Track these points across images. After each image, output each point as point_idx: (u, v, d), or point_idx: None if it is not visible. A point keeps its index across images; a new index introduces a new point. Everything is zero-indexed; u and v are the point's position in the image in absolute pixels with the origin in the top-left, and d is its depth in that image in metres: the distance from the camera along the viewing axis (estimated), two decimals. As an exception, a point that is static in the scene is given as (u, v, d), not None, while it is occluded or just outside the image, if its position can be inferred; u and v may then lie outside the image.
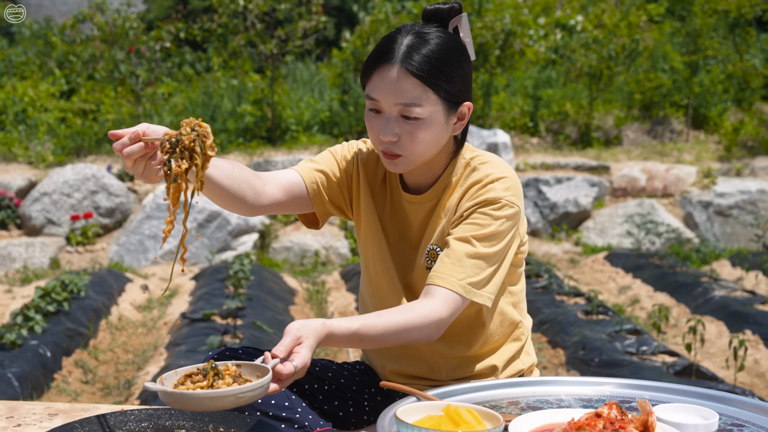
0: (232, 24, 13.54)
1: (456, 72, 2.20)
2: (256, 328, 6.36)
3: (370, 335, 2.10)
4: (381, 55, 2.18)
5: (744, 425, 1.97)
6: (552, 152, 13.55)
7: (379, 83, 2.17)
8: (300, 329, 1.99)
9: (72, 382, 5.87)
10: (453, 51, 2.20)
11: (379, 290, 2.45)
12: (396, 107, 2.17)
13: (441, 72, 2.17)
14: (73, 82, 14.57)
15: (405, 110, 2.16)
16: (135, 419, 2.06)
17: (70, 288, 7.26)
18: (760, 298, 7.57)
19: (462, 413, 1.83)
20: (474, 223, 2.22)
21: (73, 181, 10.60)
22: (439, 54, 2.17)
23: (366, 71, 2.22)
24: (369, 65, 2.20)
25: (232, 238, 10.35)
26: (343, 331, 2.07)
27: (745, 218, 11.38)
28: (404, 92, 2.15)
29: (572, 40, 15.50)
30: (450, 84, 2.19)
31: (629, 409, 2.04)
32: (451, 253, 2.20)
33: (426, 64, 2.15)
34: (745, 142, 14.18)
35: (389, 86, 2.16)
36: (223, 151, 12.62)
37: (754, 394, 5.20)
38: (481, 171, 2.29)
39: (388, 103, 2.17)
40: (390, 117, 2.18)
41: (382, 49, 2.19)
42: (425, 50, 2.16)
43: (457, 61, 2.20)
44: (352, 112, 13.78)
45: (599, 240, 11.21)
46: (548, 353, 6.51)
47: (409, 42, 2.16)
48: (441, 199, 2.34)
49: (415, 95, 2.15)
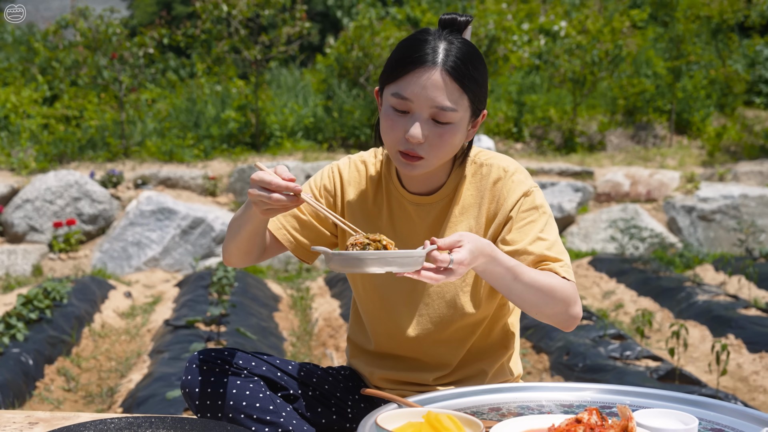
0: (216, 30, 13.52)
1: (483, 79, 2.23)
2: (239, 335, 6.34)
3: (524, 279, 2.13)
4: (418, 56, 2.15)
5: (723, 429, 1.97)
6: (536, 157, 13.58)
7: (416, 84, 2.15)
8: (464, 234, 2.03)
9: (54, 390, 5.83)
10: (480, 58, 2.23)
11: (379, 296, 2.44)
12: (430, 109, 2.15)
13: (475, 79, 2.18)
14: (56, 88, 14.52)
15: (439, 113, 2.16)
16: (115, 428, 2.04)
17: (52, 295, 7.22)
18: (743, 302, 7.60)
19: (442, 420, 1.83)
20: (528, 222, 2.28)
21: (56, 188, 10.55)
22: (472, 60, 2.18)
23: (396, 71, 2.18)
24: (401, 65, 2.17)
25: (216, 244, 10.32)
26: (506, 260, 2.11)
27: (728, 223, 11.44)
28: (444, 96, 2.14)
29: (556, 45, 15.56)
30: (480, 91, 2.21)
31: (610, 415, 2.04)
32: (534, 257, 2.25)
33: (465, 69, 2.16)
34: (728, 147, 14.27)
35: (429, 88, 2.14)
36: (207, 157, 12.59)
37: (737, 398, 5.21)
38: (494, 167, 2.33)
39: (423, 104, 2.15)
40: (420, 118, 2.16)
41: (416, 50, 2.16)
42: (462, 55, 2.16)
43: (484, 68, 2.23)
44: (337, 118, 13.77)
45: (583, 245, 11.24)
46: (533, 358, 6.51)
47: (446, 47, 2.16)
48: (453, 199, 2.35)
49: (453, 99, 2.15)
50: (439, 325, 2.38)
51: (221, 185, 11.76)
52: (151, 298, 8.83)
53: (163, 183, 11.58)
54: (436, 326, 2.38)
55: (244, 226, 2.27)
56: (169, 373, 5.37)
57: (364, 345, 2.54)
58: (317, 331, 7.32)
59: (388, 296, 2.40)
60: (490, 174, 2.33)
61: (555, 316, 2.22)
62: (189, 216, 10.34)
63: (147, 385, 5.28)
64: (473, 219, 2.34)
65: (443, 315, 2.37)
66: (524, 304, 2.19)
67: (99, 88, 14.19)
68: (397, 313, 2.40)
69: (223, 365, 2.34)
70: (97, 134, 12.76)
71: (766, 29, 18.57)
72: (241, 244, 2.33)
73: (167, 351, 6.02)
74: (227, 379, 2.31)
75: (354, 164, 2.45)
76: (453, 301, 2.36)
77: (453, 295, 2.36)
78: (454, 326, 2.39)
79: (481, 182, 2.34)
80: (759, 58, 17.05)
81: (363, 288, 2.45)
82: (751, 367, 6.16)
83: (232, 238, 2.35)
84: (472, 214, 2.34)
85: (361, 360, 2.55)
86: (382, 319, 2.43)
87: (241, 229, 2.28)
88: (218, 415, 2.29)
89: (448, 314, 2.37)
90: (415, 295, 2.38)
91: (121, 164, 12.08)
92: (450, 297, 2.36)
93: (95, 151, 12.57)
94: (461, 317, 2.37)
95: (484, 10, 14.92)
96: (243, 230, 2.28)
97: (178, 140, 12.83)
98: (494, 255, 2.09)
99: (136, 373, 5.97)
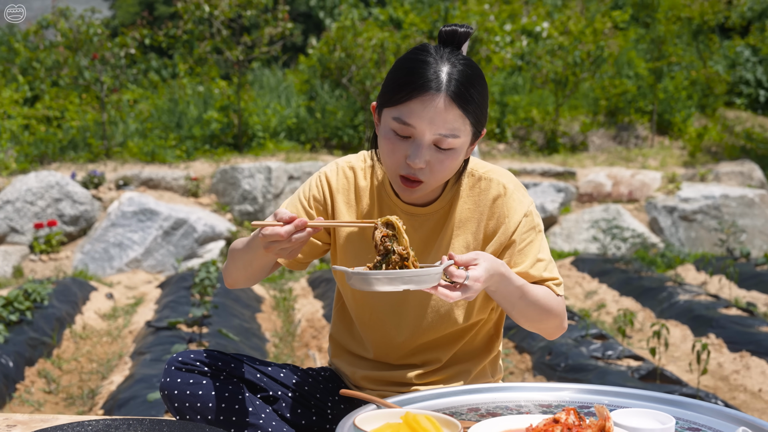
0: (198, 30, 13.48)
1: (485, 99, 2.20)
2: (222, 336, 6.33)
3: (529, 298, 2.22)
4: (422, 83, 2.11)
5: (700, 429, 1.98)
6: (519, 158, 13.61)
7: (421, 110, 2.11)
8: (480, 253, 2.08)
9: (35, 393, 5.80)
10: (482, 79, 2.19)
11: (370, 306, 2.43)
12: (433, 137, 2.13)
13: (477, 102, 2.16)
14: (36, 88, 14.43)
15: (442, 140, 2.14)
16: (93, 430, 2.04)
17: (33, 297, 7.17)
18: (723, 302, 7.64)
19: (420, 420, 1.83)
20: (528, 243, 2.32)
21: (37, 189, 10.49)
22: (475, 84, 2.16)
23: (399, 95, 2.14)
24: (406, 90, 2.12)
25: (199, 245, 10.29)
26: (515, 279, 2.18)
27: (709, 223, 11.50)
28: (448, 123, 2.12)
29: (538, 46, 15.60)
30: (481, 113, 2.19)
31: (588, 415, 2.04)
32: (534, 279, 2.31)
33: (468, 94, 2.13)
34: (709, 147, 14.35)
35: (433, 115, 2.11)
36: (189, 158, 12.55)
37: (718, 398, 5.24)
38: (494, 183, 2.34)
39: (426, 131, 2.12)
40: (423, 144, 2.13)
41: (419, 76, 2.12)
42: (465, 79, 2.13)
43: (484, 86, 2.20)
44: (319, 119, 13.76)
45: (566, 245, 11.27)
46: (515, 358, 6.53)
47: (449, 70, 2.12)
48: (450, 211, 2.34)
49: (456, 126, 2.13)
50: (430, 333, 2.39)
51: (204, 186, 11.73)
52: (132, 299, 8.79)
53: (145, 184, 11.54)
54: (426, 334, 2.39)
55: (255, 261, 2.27)
56: (150, 375, 5.35)
57: (348, 345, 2.54)
58: (300, 332, 7.31)
59: (378, 307, 2.40)
60: (490, 189, 2.33)
61: (547, 329, 2.33)
62: (171, 217, 10.31)
63: (128, 387, 5.25)
64: (471, 234, 2.34)
65: (435, 325, 2.38)
66: (522, 318, 2.27)
67: (80, 88, 14.13)
68: (387, 323, 2.40)
69: (202, 367, 2.33)
70: (78, 135, 12.70)
71: (747, 30, 18.69)
72: (250, 274, 2.34)
73: (149, 352, 6.00)
74: (206, 381, 2.31)
75: (342, 171, 2.42)
76: (447, 315, 2.37)
77: (448, 308, 2.36)
78: (443, 333, 2.39)
79: (480, 197, 2.34)
80: (739, 59, 17.16)
81: (353, 296, 2.45)
82: (731, 366, 6.19)
83: (240, 269, 2.34)
84: (470, 229, 2.34)
85: (343, 359, 2.55)
86: (372, 327, 2.43)
87: (253, 263, 2.28)
88: (197, 417, 2.28)
89: (440, 324, 2.38)
90: (406, 306, 2.38)
91: (102, 165, 12.02)
92: (445, 311, 2.37)
93: (76, 152, 12.51)
94: (453, 326, 2.38)
95: (466, 11, 14.94)
96: (256, 264, 2.28)
97: (160, 141, 12.79)
98: (508, 275, 2.14)
99: (117, 374, 5.94)
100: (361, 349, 2.50)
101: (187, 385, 2.29)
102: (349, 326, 2.54)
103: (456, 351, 2.44)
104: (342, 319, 2.56)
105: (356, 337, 2.52)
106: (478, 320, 2.42)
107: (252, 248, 2.24)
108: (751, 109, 16.89)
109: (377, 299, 2.39)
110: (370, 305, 2.40)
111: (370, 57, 13.52)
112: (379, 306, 2.39)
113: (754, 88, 16.88)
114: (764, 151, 14.55)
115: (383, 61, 13.47)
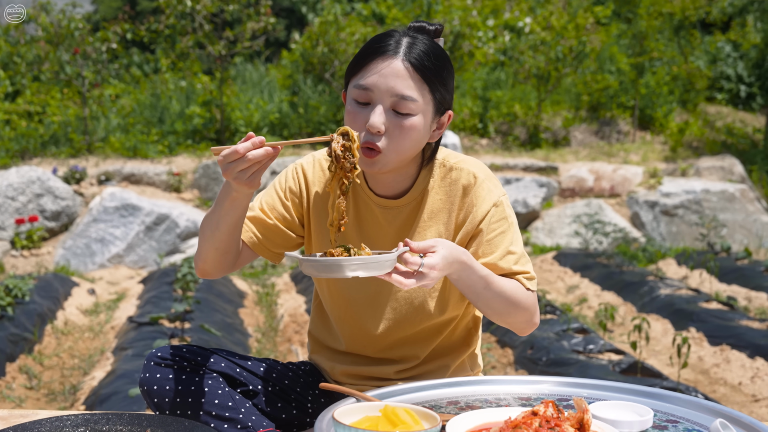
0: (180, 25, 13.43)
1: (448, 78, 2.22)
2: (204, 332, 6.31)
3: (494, 288, 2.20)
4: (379, 48, 2.16)
5: (679, 421, 2.00)
6: (501, 153, 13.64)
7: (376, 73, 2.14)
8: (439, 241, 2.07)
9: (16, 388, 5.77)
10: (447, 59, 2.22)
11: (345, 299, 2.43)
12: (391, 99, 2.14)
13: (438, 74, 2.18)
14: (17, 83, 14.35)
15: (399, 103, 2.14)
16: (71, 424, 2.03)
17: (14, 293, 7.14)
18: (704, 296, 7.68)
19: (399, 413, 1.83)
20: (498, 233, 2.30)
21: (18, 184, 10.43)
22: (437, 57, 2.18)
23: (358, 63, 2.18)
24: (363, 57, 2.18)
25: (181, 241, 10.26)
26: (479, 268, 2.16)
27: (690, 217, 11.56)
28: (404, 85, 2.13)
29: (521, 41, 15.63)
30: (444, 87, 2.20)
31: (567, 407, 2.05)
32: (503, 271, 2.29)
33: (428, 62, 2.16)
34: (690, 142, 14.42)
35: (389, 77, 2.13)
36: (171, 153, 12.51)
37: (698, 391, 5.27)
38: (464, 172, 2.33)
39: (384, 93, 2.14)
40: (380, 107, 2.15)
41: (379, 44, 2.17)
42: (425, 49, 2.17)
43: (450, 68, 2.23)
44: (302, 114, 13.74)
45: (548, 240, 11.30)
46: (497, 353, 6.55)
47: (409, 41, 2.17)
48: (422, 203, 2.34)
49: (414, 89, 2.14)
50: (406, 326, 2.39)
51: (186, 181, 11.69)
52: (114, 295, 8.76)
53: (127, 179, 11.50)
54: (402, 328, 2.39)
55: (224, 218, 2.20)
56: (132, 371, 5.34)
57: (326, 341, 2.54)
58: (282, 327, 7.31)
59: (354, 299, 2.40)
60: (460, 179, 2.32)
61: (516, 323, 2.30)
62: (153, 212, 10.27)
63: (110, 383, 5.24)
64: (443, 225, 2.33)
65: (410, 318, 2.37)
66: (489, 310, 2.25)
67: (62, 83, 14.05)
68: (363, 315, 2.40)
69: (182, 362, 2.32)
70: (59, 130, 12.63)
71: (728, 26, 18.79)
72: (220, 242, 2.25)
73: (131, 348, 5.98)
74: (185, 376, 2.30)
75: (318, 163, 2.42)
76: (421, 306, 2.36)
77: (422, 300, 2.36)
78: (420, 327, 2.40)
79: (451, 187, 2.33)
80: (720, 54, 17.25)
81: (328, 290, 2.44)
82: (711, 360, 6.23)
83: (208, 239, 2.27)
84: (442, 219, 2.33)
85: (322, 355, 2.55)
86: (348, 321, 2.43)
87: (220, 223, 2.21)
88: (177, 412, 2.28)
89: (415, 317, 2.37)
90: (381, 298, 2.38)
91: (84, 160, 11.97)
92: (419, 302, 2.36)
93: (58, 147, 12.44)
94: (428, 319, 2.38)
95: (449, 6, 14.94)
96: (222, 224, 2.21)
97: (142, 136, 12.74)
98: (470, 263, 2.13)
99: (99, 370, 5.92)
100: (339, 344, 2.50)
101: (166, 380, 2.29)
102: (327, 322, 2.54)
103: (434, 346, 2.45)
104: (320, 315, 2.56)
105: (334, 332, 2.52)
106: (454, 315, 2.42)
107: (217, 204, 2.21)
108: (732, 104, 16.98)
109: (351, 291, 2.39)
110: (345, 297, 2.41)
111: (352, 52, 13.52)
112: (353, 297, 2.39)
113: (735, 84, 16.98)
114: (745, 146, 14.64)
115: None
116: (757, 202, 11.94)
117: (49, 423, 2.01)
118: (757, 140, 15.10)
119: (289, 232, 2.40)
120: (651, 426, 1.94)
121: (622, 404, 1.99)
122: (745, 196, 11.84)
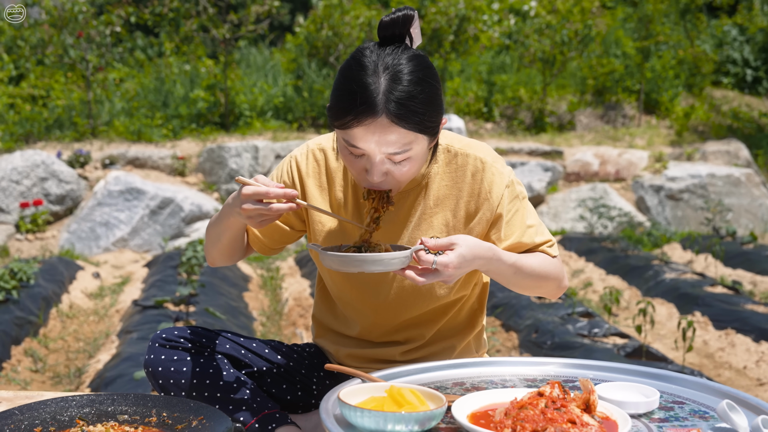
0: (184, 8, 13.38)
1: (436, 101, 2.09)
2: (209, 315, 6.32)
3: (524, 271, 2.22)
4: (360, 105, 2.01)
5: (685, 402, 1.99)
6: (506, 137, 13.61)
7: (363, 135, 2.03)
8: (460, 237, 2.06)
9: (21, 372, 5.78)
10: (429, 79, 2.08)
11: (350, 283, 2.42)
12: (385, 155, 2.07)
13: (425, 113, 2.05)
14: (21, 67, 14.32)
15: (394, 156, 2.08)
16: (77, 405, 2.03)
17: (19, 276, 7.15)
18: (709, 280, 7.67)
19: (405, 394, 1.83)
20: (514, 213, 2.31)
21: (22, 168, 10.44)
22: (420, 92, 2.05)
23: (341, 117, 2.05)
24: (346, 113, 2.03)
25: (186, 224, 10.27)
26: (507, 257, 2.17)
27: (695, 202, 11.54)
28: (393, 142, 2.04)
29: (526, 25, 15.56)
30: (434, 118, 2.09)
31: (573, 389, 2.05)
32: (527, 246, 2.31)
33: (410, 110, 2.03)
34: (696, 126, 14.37)
35: (377, 138, 2.03)
36: (175, 137, 12.50)
37: (703, 375, 5.27)
38: (471, 158, 2.30)
39: (376, 152, 2.06)
40: (376, 162, 2.08)
41: (358, 96, 2.02)
42: (406, 93, 2.02)
43: (434, 88, 2.09)
44: (307, 98, 13.71)
45: (553, 224, 11.29)
46: (502, 337, 6.55)
47: (387, 86, 2.01)
48: (426, 189, 2.31)
49: (405, 141, 2.05)
50: (412, 309, 2.38)
51: (190, 165, 11.68)
52: (119, 278, 8.77)
53: (132, 163, 11.49)
54: (408, 310, 2.38)
55: (224, 234, 2.27)
56: (137, 353, 5.35)
57: (330, 325, 2.53)
58: (287, 311, 7.32)
59: (357, 284, 2.39)
60: (467, 165, 2.30)
61: (547, 292, 2.34)
62: (158, 196, 10.27)
63: (115, 366, 5.25)
64: (450, 212, 2.31)
65: (417, 300, 2.36)
66: (520, 289, 2.30)
67: (66, 67, 14.02)
68: (368, 299, 2.39)
69: (186, 344, 2.33)
70: (64, 114, 12.62)
71: (734, 9, 18.68)
72: (224, 249, 2.35)
73: (136, 331, 5.99)
74: (190, 358, 2.30)
75: (312, 154, 2.39)
76: (429, 292, 2.36)
77: (429, 285, 2.35)
78: (425, 309, 2.39)
79: (457, 173, 2.30)
80: (726, 38, 17.16)
81: (331, 275, 2.44)
82: (716, 344, 6.23)
83: (213, 245, 2.35)
84: (449, 206, 2.31)
85: (326, 339, 2.55)
86: (353, 305, 2.42)
87: (222, 237, 2.29)
88: (181, 394, 2.28)
89: (422, 300, 2.36)
90: (386, 282, 2.37)
91: (88, 144, 11.96)
92: (426, 288, 2.35)
93: (62, 131, 12.43)
94: (435, 301, 2.37)
95: (454, -10, 14.86)
96: (224, 238, 2.29)
97: (146, 120, 12.73)
98: (495, 257, 2.13)
99: (104, 353, 5.93)
100: (344, 327, 2.49)
101: (171, 361, 2.29)
102: (331, 305, 2.53)
103: (440, 327, 2.44)
104: (324, 298, 2.56)
105: (339, 315, 2.51)
106: (461, 296, 2.42)
107: (221, 218, 2.25)
108: (738, 88, 16.91)
109: (356, 277, 2.38)
110: (350, 283, 2.39)
111: (357, 35, 13.47)
112: (359, 284, 2.38)
113: (741, 68, 16.90)
114: (751, 131, 14.58)
115: (371, 39, 13.41)
116: (763, 187, 11.91)
117: (55, 403, 2.01)
118: (763, 124, 15.04)
119: (287, 228, 2.42)
120: (657, 407, 1.94)
121: (629, 385, 1.98)
122: (751, 181, 11.81)
